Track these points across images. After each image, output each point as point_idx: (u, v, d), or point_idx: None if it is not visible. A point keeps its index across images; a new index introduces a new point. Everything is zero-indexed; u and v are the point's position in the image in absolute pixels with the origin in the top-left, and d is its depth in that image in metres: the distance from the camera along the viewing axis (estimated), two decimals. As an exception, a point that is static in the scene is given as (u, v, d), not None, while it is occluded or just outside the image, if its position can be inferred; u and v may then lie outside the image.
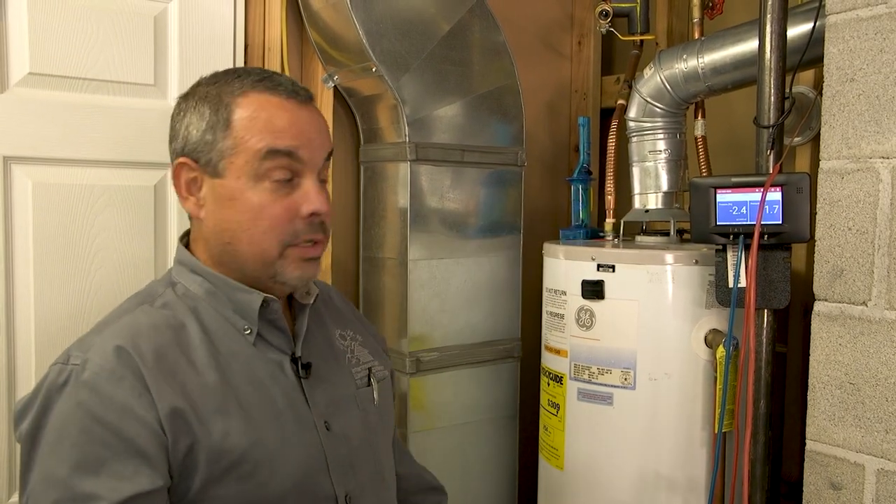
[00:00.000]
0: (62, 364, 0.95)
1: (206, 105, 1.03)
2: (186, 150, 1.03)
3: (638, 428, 1.63)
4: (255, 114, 1.02)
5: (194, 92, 1.06)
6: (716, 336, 1.58)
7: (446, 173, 1.91)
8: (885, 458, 1.29)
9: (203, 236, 1.06)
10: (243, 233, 1.02)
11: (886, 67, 1.27)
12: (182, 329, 1.01)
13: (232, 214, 1.02)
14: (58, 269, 1.56)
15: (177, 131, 1.05)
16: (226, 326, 1.04)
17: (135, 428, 0.91)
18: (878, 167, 1.29)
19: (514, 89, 2.03)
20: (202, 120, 1.03)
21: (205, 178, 1.03)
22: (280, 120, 1.03)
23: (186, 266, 1.07)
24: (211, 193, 1.03)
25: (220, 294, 1.05)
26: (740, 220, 1.45)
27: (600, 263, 1.65)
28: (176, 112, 1.07)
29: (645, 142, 1.88)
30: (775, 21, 1.45)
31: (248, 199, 1.01)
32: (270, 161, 1.01)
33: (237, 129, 1.01)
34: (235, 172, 1.01)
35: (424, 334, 1.90)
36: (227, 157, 1.01)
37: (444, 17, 1.91)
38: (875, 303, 1.30)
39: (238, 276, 1.05)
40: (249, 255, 1.03)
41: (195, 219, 1.07)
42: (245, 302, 1.04)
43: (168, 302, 1.04)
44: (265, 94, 1.03)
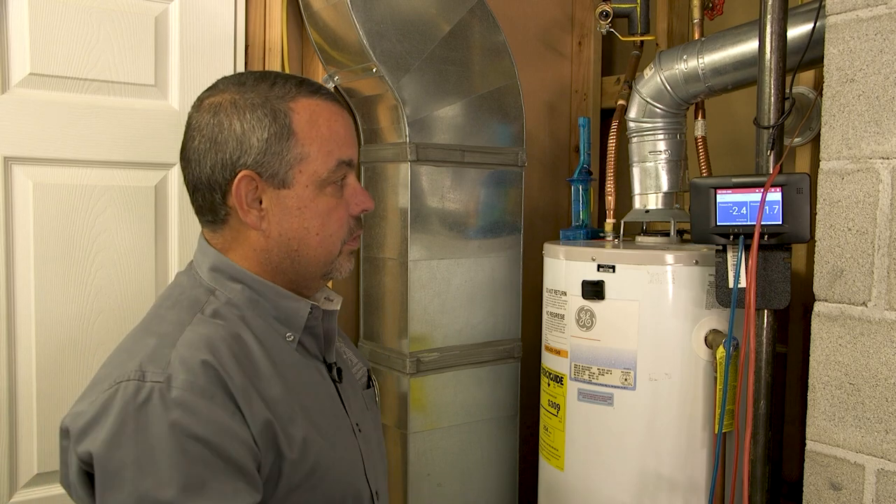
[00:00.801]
0: (137, 381, 0.91)
1: (259, 112, 1.00)
2: (249, 163, 1.00)
3: (638, 428, 1.63)
4: (314, 120, 1.02)
5: (231, 99, 1.02)
6: (716, 336, 1.58)
7: (447, 174, 1.91)
8: (885, 459, 1.29)
9: (258, 246, 1.04)
10: (313, 237, 1.04)
11: (886, 68, 1.27)
12: (240, 339, 0.99)
13: (301, 222, 1.03)
14: (59, 270, 1.55)
15: (225, 141, 1.00)
16: (272, 334, 1.04)
17: (232, 445, 0.90)
18: (878, 167, 1.29)
19: (515, 90, 2.03)
20: (263, 129, 1.00)
21: (267, 190, 1.01)
22: (339, 127, 1.05)
23: (225, 273, 1.04)
24: (277, 204, 1.02)
25: (262, 302, 1.04)
26: (740, 221, 1.45)
27: (600, 264, 1.65)
28: (212, 121, 1.01)
29: (645, 142, 1.88)
30: (775, 21, 1.45)
31: (317, 206, 1.03)
32: (338, 171, 1.04)
33: (302, 138, 1.01)
34: (304, 182, 1.02)
35: (425, 334, 1.90)
36: (295, 167, 1.01)
37: (445, 17, 1.91)
38: (875, 303, 1.30)
39: (287, 283, 1.06)
40: (316, 257, 1.05)
41: (254, 230, 1.03)
42: (292, 309, 1.05)
43: (217, 311, 1.01)
44: (313, 98, 1.04)
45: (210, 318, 0.99)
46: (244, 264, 1.04)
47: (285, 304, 1.05)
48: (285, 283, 1.06)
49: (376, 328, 2.00)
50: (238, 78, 1.05)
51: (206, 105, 1.03)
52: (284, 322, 1.05)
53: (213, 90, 1.05)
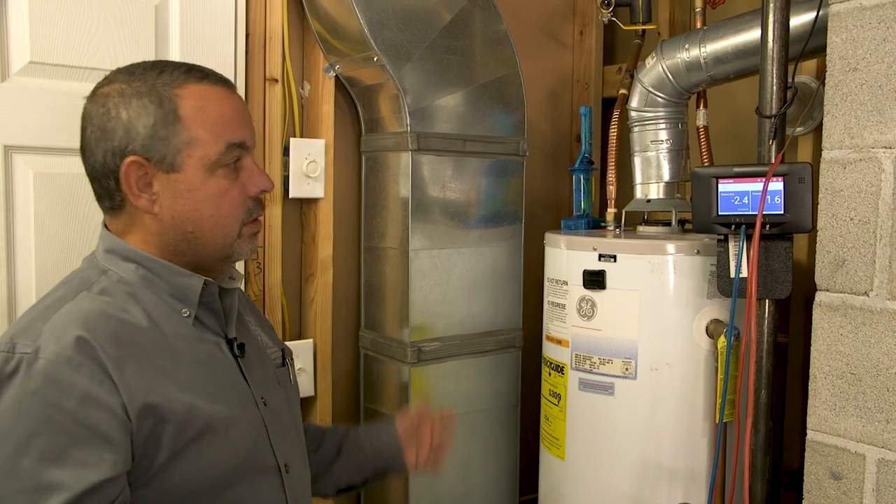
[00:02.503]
0: (6, 353, 0.93)
1: (145, 99, 1.03)
2: (135, 149, 1.03)
3: (639, 418, 1.63)
4: (202, 104, 1.05)
5: (118, 88, 1.05)
6: (717, 326, 1.58)
7: (448, 163, 1.91)
8: (886, 448, 1.30)
9: (153, 229, 1.06)
10: (206, 220, 1.06)
11: (889, 57, 1.27)
12: (126, 314, 1.01)
13: (193, 204, 1.06)
14: (60, 260, 1.55)
15: (113, 129, 1.03)
16: (165, 310, 1.06)
17: (97, 414, 0.91)
18: (880, 157, 1.28)
19: (516, 79, 2.03)
20: (148, 115, 1.03)
21: (157, 174, 1.04)
22: (228, 111, 1.08)
23: (118, 254, 1.07)
24: (168, 188, 1.05)
25: (156, 279, 1.06)
26: (742, 210, 1.45)
27: (602, 253, 1.65)
28: (101, 110, 1.04)
29: (647, 131, 1.87)
30: (778, 10, 1.45)
31: (208, 189, 1.06)
32: (229, 153, 1.06)
33: (189, 122, 1.04)
34: (193, 165, 1.04)
35: (426, 324, 1.90)
36: (184, 151, 1.04)
37: (446, 6, 1.90)
38: (876, 293, 1.30)
39: (187, 263, 1.09)
40: (213, 239, 1.08)
41: (147, 214, 1.06)
42: (185, 286, 1.08)
43: (105, 288, 1.04)
44: (201, 84, 1.07)
45: (96, 295, 1.02)
46: (141, 247, 1.07)
47: (178, 281, 1.08)
48: (186, 264, 1.09)
49: (377, 318, 2.00)
50: (129, 68, 1.08)
51: (98, 95, 1.06)
52: (179, 298, 1.07)
53: (104, 81, 1.08)
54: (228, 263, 1.14)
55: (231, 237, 1.09)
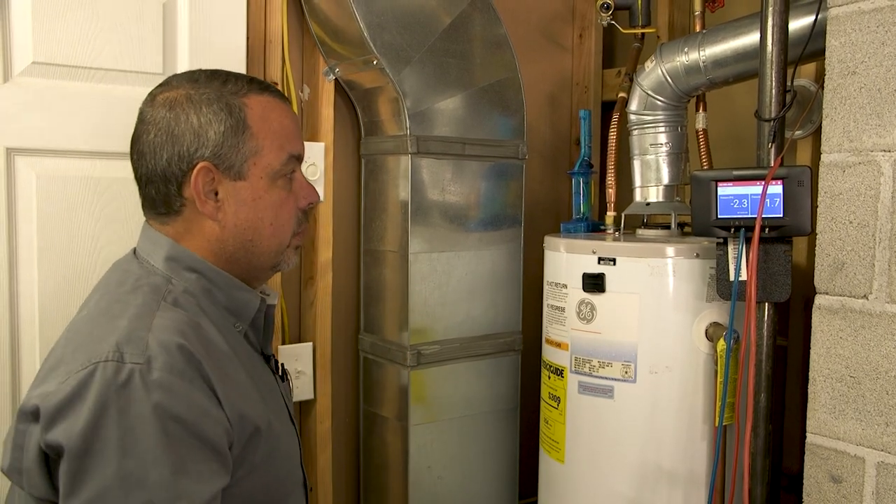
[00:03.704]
0: (116, 363, 0.90)
1: (215, 106, 1.05)
2: (205, 154, 1.04)
3: (638, 421, 1.63)
4: (266, 115, 1.08)
5: (186, 94, 1.06)
6: (717, 329, 1.58)
7: (447, 166, 1.91)
8: (886, 451, 1.30)
9: (213, 236, 1.07)
10: (266, 228, 1.09)
11: (888, 60, 1.27)
12: (201, 328, 1.01)
13: (256, 212, 1.08)
14: (63, 264, 1.53)
15: (182, 134, 1.04)
16: (225, 323, 1.07)
17: (211, 427, 0.92)
18: (879, 160, 1.29)
19: (516, 82, 2.03)
20: (220, 122, 1.04)
21: (223, 181, 1.05)
22: (289, 123, 1.11)
23: (181, 263, 1.07)
24: (232, 196, 1.06)
25: (216, 291, 1.07)
26: (741, 214, 1.45)
27: (601, 256, 1.65)
28: (168, 115, 1.05)
29: (646, 135, 1.87)
30: (777, 14, 1.45)
31: (270, 198, 1.08)
32: (289, 164, 1.10)
33: (256, 132, 1.06)
34: (258, 174, 1.07)
35: (425, 327, 1.90)
36: (250, 160, 1.06)
37: (446, 9, 1.90)
38: (876, 296, 1.30)
39: (239, 273, 1.10)
40: (269, 247, 1.10)
41: (210, 220, 1.06)
42: (244, 301, 1.10)
43: (177, 300, 1.03)
44: (263, 95, 1.09)
45: (172, 306, 1.01)
46: (199, 254, 1.07)
47: (238, 295, 1.09)
48: (237, 273, 1.10)
49: (377, 321, 2.00)
50: (190, 75, 1.10)
51: (161, 100, 1.07)
52: (234, 312, 1.09)
53: (165, 86, 1.09)
54: (272, 273, 1.17)
55: (283, 246, 1.12)
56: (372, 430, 2.03)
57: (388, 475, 1.98)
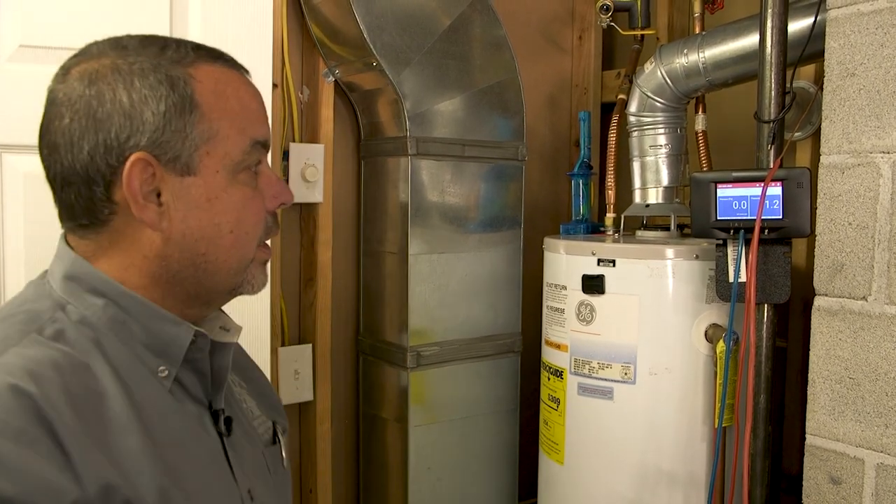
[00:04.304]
0: None
1: (151, 78, 0.78)
2: (142, 143, 0.77)
3: (638, 422, 1.63)
4: (221, 90, 0.82)
5: (111, 64, 0.79)
6: (716, 331, 1.58)
7: (447, 168, 1.91)
8: (885, 453, 1.30)
9: (154, 251, 0.81)
10: (226, 236, 0.83)
11: (887, 62, 1.27)
12: (85, 372, 0.75)
13: (211, 217, 0.81)
14: None
15: (107, 117, 0.77)
16: (137, 368, 0.79)
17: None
18: (878, 162, 1.29)
19: (515, 84, 2.03)
20: (158, 100, 0.78)
21: (166, 177, 0.79)
22: (250, 101, 0.86)
23: (83, 283, 0.80)
24: (180, 196, 0.80)
25: (130, 323, 0.80)
26: (741, 215, 1.45)
27: (601, 258, 1.65)
28: (87, 92, 0.78)
29: (645, 136, 1.88)
30: (776, 16, 1.45)
31: (229, 198, 0.82)
32: (253, 153, 0.84)
33: (207, 112, 0.80)
34: (213, 167, 0.81)
35: (425, 329, 1.90)
36: (201, 147, 0.80)
37: (445, 11, 1.90)
38: (875, 297, 1.30)
39: (185, 297, 0.85)
40: (227, 262, 0.84)
41: (151, 230, 0.80)
42: (169, 337, 0.81)
43: (62, 331, 0.77)
44: (215, 65, 0.83)
45: (48, 341, 0.75)
46: (118, 275, 0.81)
47: (160, 329, 0.81)
48: (181, 298, 0.84)
49: (376, 322, 2.00)
50: (116, 41, 0.82)
51: (76, 73, 0.79)
52: (157, 352, 0.81)
53: (82, 56, 0.81)
54: (230, 298, 0.89)
55: (246, 261, 0.85)
56: (371, 431, 2.04)
57: (388, 476, 1.99)
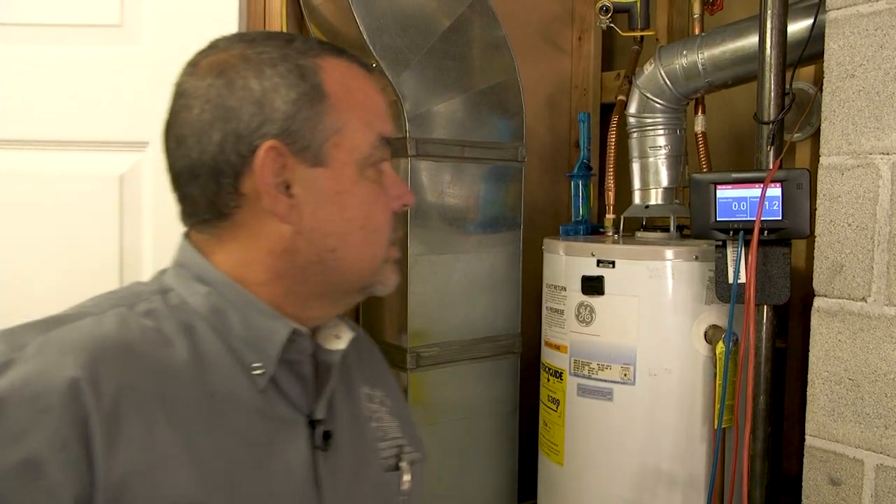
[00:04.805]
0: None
1: (281, 67, 0.76)
2: (273, 132, 0.75)
3: (638, 423, 1.63)
4: (347, 83, 0.80)
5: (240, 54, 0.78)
6: (716, 332, 1.58)
7: (446, 169, 1.91)
8: (885, 454, 1.30)
9: (282, 245, 0.78)
10: (354, 233, 0.80)
11: (887, 63, 1.27)
12: (166, 350, 0.73)
13: (341, 211, 0.78)
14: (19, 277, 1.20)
15: (238, 105, 0.75)
16: (226, 359, 0.76)
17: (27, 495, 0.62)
18: (877, 163, 1.29)
19: (515, 85, 2.03)
20: (289, 87, 0.76)
21: (297, 168, 0.76)
22: (375, 96, 0.84)
23: (190, 271, 0.79)
24: (310, 189, 0.77)
25: (230, 314, 0.77)
26: (740, 216, 1.45)
27: (600, 259, 1.65)
28: (218, 82, 0.76)
29: (645, 137, 1.88)
30: (775, 17, 1.45)
31: (359, 192, 0.79)
32: (379, 149, 0.82)
33: (336, 102, 0.78)
34: (342, 159, 0.78)
35: (424, 329, 1.90)
36: (331, 139, 0.77)
37: (445, 12, 1.90)
38: (874, 298, 1.30)
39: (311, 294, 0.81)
40: (357, 259, 0.81)
41: (282, 223, 0.77)
42: (266, 330, 0.77)
43: (154, 310, 0.76)
44: (340, 59, 0.81)
45: (136, 316, 0.74)
46: (243, 270, 0.78)
47: (257, 321, 0.77)
48: (304, 297, 0.81)
49: (376, 323, 2.00)
50: (242, 35, 0.82)
51: (205, 65, 0.78)
52: (254, 347, 0.77)
53: (210, 50, 0.80)
54: (360, 297, 0.86)
55: (378, 259, 0.83)
56: (371, 432, 2.03)
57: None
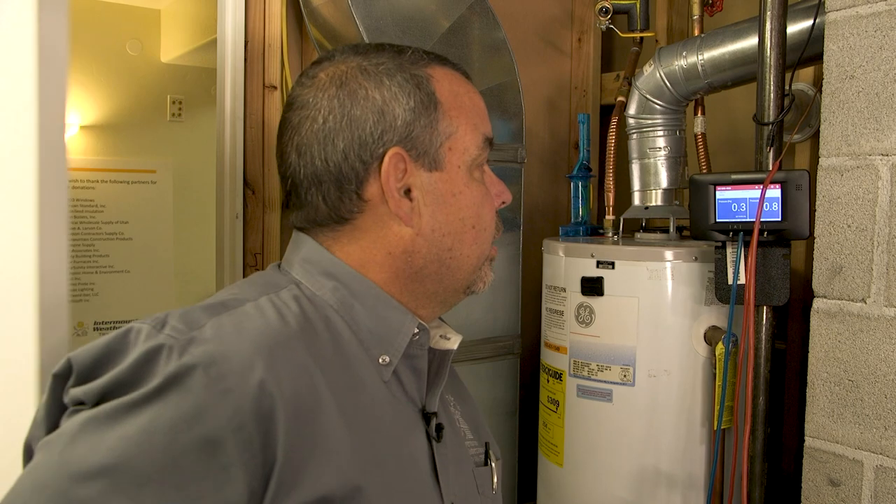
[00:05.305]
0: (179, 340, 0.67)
1: (399, 77, 0.82)
2: (395, 139, 0.80)
3: (637, 424, 1.63)
4: (455, 90, 0.86)
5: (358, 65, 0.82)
6: (715, 333, 1.58)
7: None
8: (884, 455, 1.30)
9: (402, 247, 0.82)
10: (468, 233, 0.85)
11: (886, 65, 1.27)
12: (319, 340, 0.76)
13: (456, 212, 0.83)
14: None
15: (362, 115, 0.80)
16: (359, 350, 0.79)
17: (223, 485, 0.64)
18: (877, 164, 1.29)
19: (514, 86, 2.03)
20: (408, 96, 0.81)
21: (416, 173, 0.81)
22: (479, 101, 0.89)
23: (317, 266, 0.82)
24: (429, 192, 0.82)
25: (357, 308, 0.81)
26: (740, 217, 1.45)
27: (600, 260, 1.65)
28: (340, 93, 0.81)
29: (645, 139, 1.88)
30: (775, 18, 1.45)
31: (470, 192, 0.84)
32: (485, 150, 0.87)
33: (448, 109, 0.83)
34: (455, 162, 0.83)
35: (424, 331, 1.90)
36: (445, 143, 0.83)
37: (444, 13, 1.91)
38: (874, 300, 1.30)
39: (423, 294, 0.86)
40: (469, 258, 0.86)
41: (404, 225, 0.81)
42: (394, 323, 0.82)
43: (299, 297, 0.79)
44: (446, 67, 0.87)
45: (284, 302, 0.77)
46: (361, 271, 0.82)
47: (386, 315, 0.82)
48: (417, 297, 0.85)
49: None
50: (353, 48, 0.86)
51: (324, 77, 0.83)
52: (380, 339, 0.81)
53: (327, 61, 0.85)
54: (463, 298, 0.90)
55: (484, 257, 0.88)
56: (371, 433, 2.03)
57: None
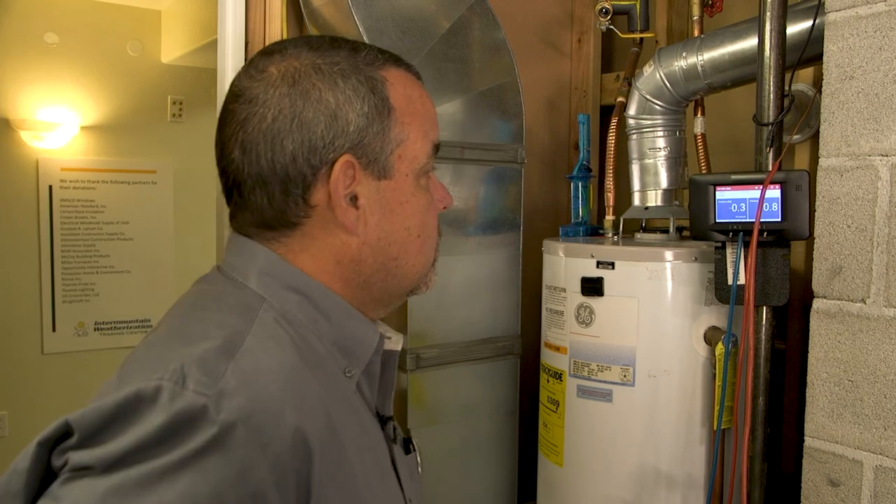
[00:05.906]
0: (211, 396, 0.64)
1: (353, 80, 0.79)
2: (346, 145, 0.77)
3: (637, 425, 1.63)
4: (408, 94, 0.83)
5: (311, 63, 0.79)
6: (715, 333, 1.58)
7: (446, 171, 1.91)
8: (884, 455, 1.30)
9: (348, 255, 0.81)
10: (413, 241, 0.84)
11: (886, 65, 1.28)
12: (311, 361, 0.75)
13: (403, 221, 0.83)
14: None
15: (313, 117, 0.77)
16: (332, 365, 0.79)
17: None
18: (876, 165, 1.29)
19: (514, 87, 2.03)
20: (362, 100, 0.78)
21: (364, 181, 0.79)
22: (431, 106, 0.87)
23: (279, 280, 0.79)
24: (376, 199, 0.81)
25: (323, 322, 0.80)
26: (740, 218, 1.45)
27: (600, 260, 1.66)
28: (291, 91, 0.77)
29: (645, 139, 1.88)
30: (775, 19, 1.45)
31: (417, 201, 0.84)
32: (432, 158, 0.86)
33: (400, 115, 0.81)
34: (404, 170, 0.82)
35: (424, 331, 1.90)
36: (395, 151, 0.81)
37: (445, 14, 1.91)
38: (873, 300, 1.30)
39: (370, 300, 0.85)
40: (414, 266, 0.86)
41: (350, 234, 0.80)
42: (359, 335, 0.82)
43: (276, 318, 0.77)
44: (399, 69, 0.84)
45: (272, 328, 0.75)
46: (319, 280, 0.81)
47: (352, 327, 0.82)
48: (365, 301, 0.85)
49: (376, 325, 2.00)
50: (306, 41, 0.82)
51: (275, 72, 0.78)
52: (345, 352, 0.81)
53: (278, 54, 0.80)
54: (406, 299, 0.91)
55: (429, 264, 0.88)
56: (371, 433, 2.03)
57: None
